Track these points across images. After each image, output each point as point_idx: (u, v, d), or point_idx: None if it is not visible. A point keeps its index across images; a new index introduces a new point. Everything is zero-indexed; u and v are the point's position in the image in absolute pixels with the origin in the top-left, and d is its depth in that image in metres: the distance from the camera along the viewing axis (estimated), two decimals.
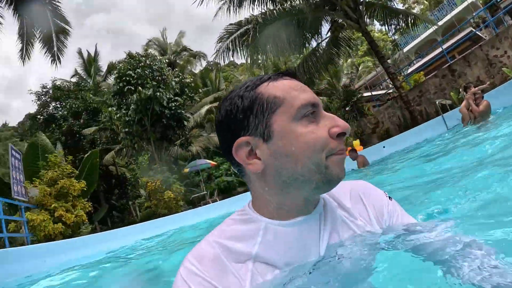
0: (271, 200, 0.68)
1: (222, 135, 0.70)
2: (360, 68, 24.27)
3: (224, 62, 13.14)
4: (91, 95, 18.59)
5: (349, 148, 9.25)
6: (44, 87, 18.64)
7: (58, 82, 18.50)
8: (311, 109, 0.65)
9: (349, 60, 21.76)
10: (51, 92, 18.06)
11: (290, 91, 0.66)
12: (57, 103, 17.90)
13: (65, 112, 17.18)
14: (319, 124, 0.65)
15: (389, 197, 0.83)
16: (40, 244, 7.30)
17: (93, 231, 11.69)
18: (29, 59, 11.36)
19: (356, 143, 12.10)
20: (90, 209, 10.62)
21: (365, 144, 12.68)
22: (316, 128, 0.65)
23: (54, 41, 11.65)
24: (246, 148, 0.66)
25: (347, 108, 15.93)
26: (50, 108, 17.73)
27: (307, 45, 12.97)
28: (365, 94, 18.70)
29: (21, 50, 11.11)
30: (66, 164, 10.49)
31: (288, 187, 0.65)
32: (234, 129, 0.67)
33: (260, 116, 0.65)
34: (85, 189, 10.54)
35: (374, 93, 19.46)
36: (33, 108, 18.63)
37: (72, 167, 10.41)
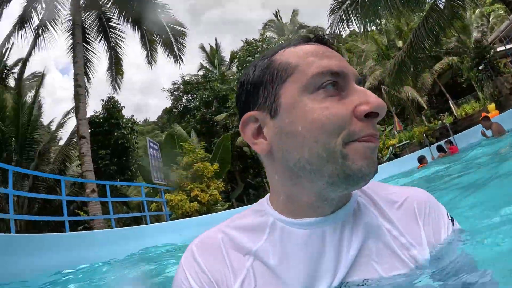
0: (280, 190, 0.58)
1: (238, 109, 0.62)
2: (491, 19, 18.81)
3: (341, 33, 12.02)
4: (218, 84, 20.16)
5: (483, 114, 7.63)
6: (174, 83, 21.22)
7: (187, 77, 20.75)
8: (330, 78, 0.52)
9: (477, 11, 17.10)
10: (181, 87, 20.42)
11: (307, 56, 0.54)
12: (189, 95, 20.10)
13: (197, 103, 19.15)
14: (344, 100, 0.51)
15: (452, 219, 0.63)
16: (177, 220, 8.28)
17: (230, 207, 12.73)
18: (155, 62, 12.95)
19: (492, 107, 10.54)
20: (223, 188, 11.54)
21: (502, 108, 10.44)
22: (336, 104, 0.51)
23: (173, 43, 12.82)
24: (253, 124, 0.57)
25: (480, 67, 13.41)
26: (183, 101, 20.09)
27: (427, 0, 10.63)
28: (499, 49, 14.96)
29: (147, 56, 12.73)
30: (199, 150, 11.63)
31: (296, 176, 0.54)
32: (245, 102, 0.59)
33: (269, 87, 0.55)
34: (218, 170, 11.45)
35: (508, 46, 15.03)
36: (168, 103, 21.57)
37: (205, 152, 11.51)
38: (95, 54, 12.97)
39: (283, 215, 0.57)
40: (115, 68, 13.61)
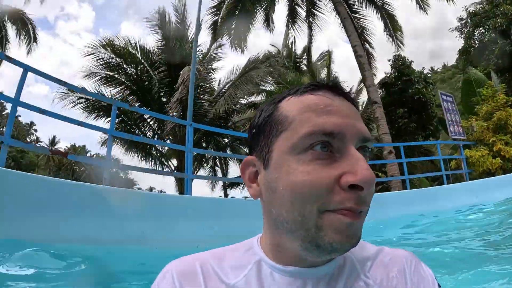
0: (268, 235, 0.57)
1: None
2: None
3: None
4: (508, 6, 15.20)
5: None
6: (460, 19, 17.92)
7: (470, 9, 17.08)
8: (321, 139, 0.48)
9: None
10: (469, 21, 16.98)
11: (304, 111, 0.51)
12: (480, 29, 16.45)
13: (492, 35, 15.38)
14: (334, 164, 0.48)
15: (439, 285, 0.60)
16: (474, 181, 7.69)
17: None
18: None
19: None
20: None
21: None
22: (321, 169, 0.47)
23: None
24: (252, 168, 0.57)
25: None
26: (476, 36, 16.63)
27: None
28: None
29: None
30: (500, 94, 9.90)
31: (278, 228, 0.52)
32: (250, 144, 0.60)
33: (267, 137, 0.54)
34: None
35: None
36: (460, 43, 18.39)
37: (506, 95, 9.63)
38: (366, 20, 13.50)
39: (269, 257, 0.56)
40: (392, 25, 13.62)
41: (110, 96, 12.67)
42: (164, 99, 13.77)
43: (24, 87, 3.57)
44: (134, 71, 13.18)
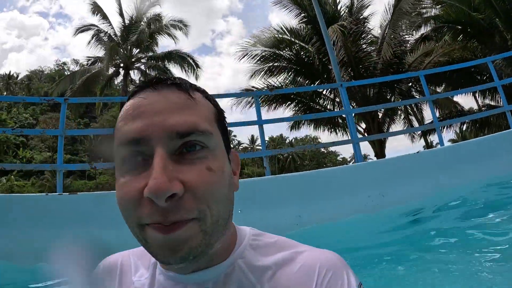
0: None
1: None
2: None
3: None
4: None
5: None
6: None
7: None
8: (130, 149, 0.44)
9: None
10: None
11: (120, 120, 0.47)
12: None
13: None
14: (145, 173, 0.43)
15: None
16: None
17: None
18: None
19: None
20: None
21: None
22: (131, 180, 0.44)
23: None
24: None
25: None
26: None
27: None
28: None
29: None
30: None
31: None
32: None
33: None
34: None
35: None
36: None
37: None
38: None
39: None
40: None
41: (280, 85, 13.15)
42: (330, 67, 13.19)
43: None
44: (290, 53, 13.27)
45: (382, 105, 7.67)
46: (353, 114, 4.42)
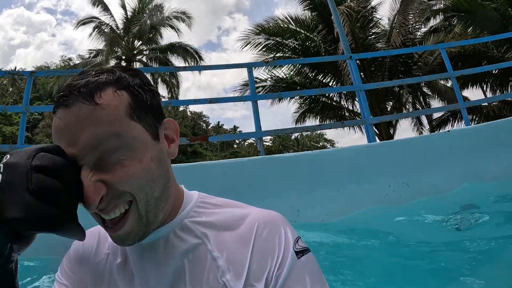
0: None
1: None
2: None
3: None
4: None
5: None
6: None
7: None
8: None
9: None
10: None
11: (52, 134, 0.54)
12: None
13: None
14: None
15: (303, 251, 0.56)
16: None
17: None
18: None
19: None
20: None
21: None
22: None
23: None
24: None
25: None
26: None
27: None
28: None
29: None
30: None
31: None
32: None
33: None
34: None
35: None
36: None
37: None
38: None
39: None
40: None
41: (284, 76, 12.69)
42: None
43: None
44: (296, 42, 12.70)
45: (399, 81, 7.05)
46: (364, 92, 3.87)
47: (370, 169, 2.95)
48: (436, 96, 13.43)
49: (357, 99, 13.08)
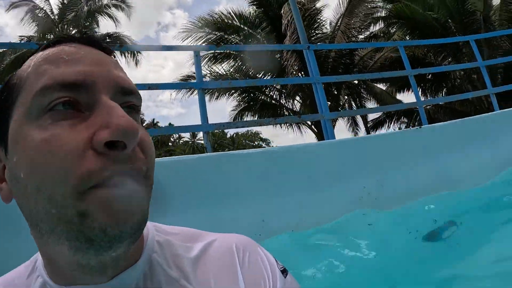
0: (39, 249, 0.42)
1: None
2: None
3: None
4: None
5: None
6: None
7: None
8: (60, 95, 0.35)
9: None
10: None
11: (42, 64, 0.37)
12: None
13: None
14: (83, 123, 0.35)
15: (284, 270, 0.52)
16: None
17: None
18: None
19: None
20: None
21: None
22: (65, 131, 0.34)
23: None
24: None
25: None
26: None
27: None
28: None
29: None
30: None
31: (40, 234, 0.37)
32: None
33: (4, 111, 0.39)
34: None
35: None
36: None
37: None
38: None
39: (51, 278, 0.41)
40: None
41: (224, 73, 12.29)
42: (278, 56, 12.48)
43: None
44: (239, 38, 12.35)
45: (358, 75, 7.00)
46: (322, 86, 3.65)
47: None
48: (372, 98, 14.08)
49: (298, 97, 13.34)
